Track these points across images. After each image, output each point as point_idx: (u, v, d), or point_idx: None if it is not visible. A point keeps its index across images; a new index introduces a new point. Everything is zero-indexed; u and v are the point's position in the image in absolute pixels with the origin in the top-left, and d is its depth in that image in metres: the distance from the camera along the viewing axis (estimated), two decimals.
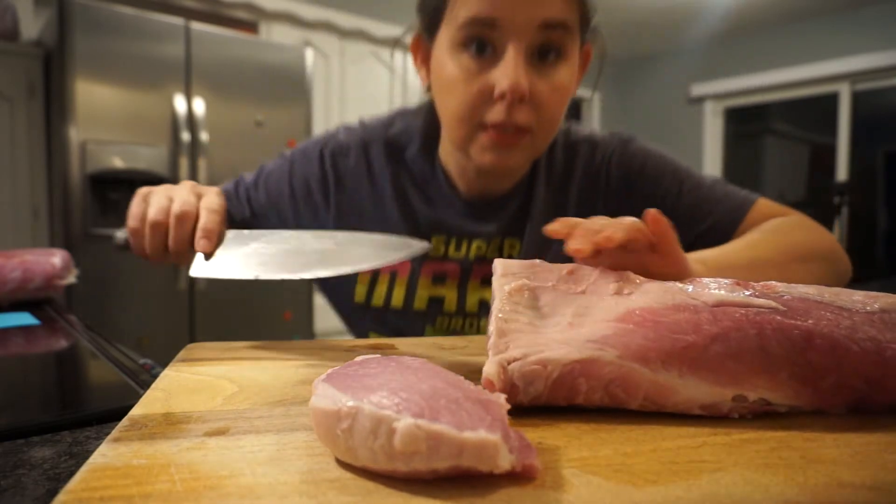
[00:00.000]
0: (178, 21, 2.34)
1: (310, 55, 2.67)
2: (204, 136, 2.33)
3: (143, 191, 0.61)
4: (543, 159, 0.76)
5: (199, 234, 0.55)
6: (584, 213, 0.73)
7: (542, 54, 0.63)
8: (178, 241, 0.56)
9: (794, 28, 4.30)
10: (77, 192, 2.14)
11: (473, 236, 0.75)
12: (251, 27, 3.10)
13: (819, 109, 4.36)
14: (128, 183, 2.24)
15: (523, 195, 0.75)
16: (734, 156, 4.93)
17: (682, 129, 4.96)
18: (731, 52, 4.62)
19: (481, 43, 0.62)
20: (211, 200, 0.58)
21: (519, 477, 0.24)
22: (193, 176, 2.31)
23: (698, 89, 4.80)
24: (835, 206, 3.72)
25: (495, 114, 0.62)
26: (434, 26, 0.67)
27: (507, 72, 0.60)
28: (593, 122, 5.00)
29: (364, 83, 3.39)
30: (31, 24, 2.51)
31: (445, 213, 0.75)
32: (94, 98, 2.16)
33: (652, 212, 0.42)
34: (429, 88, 0.71)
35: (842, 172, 4.22)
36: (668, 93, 5.02)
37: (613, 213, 0.77)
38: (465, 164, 0.72)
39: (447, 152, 0.75)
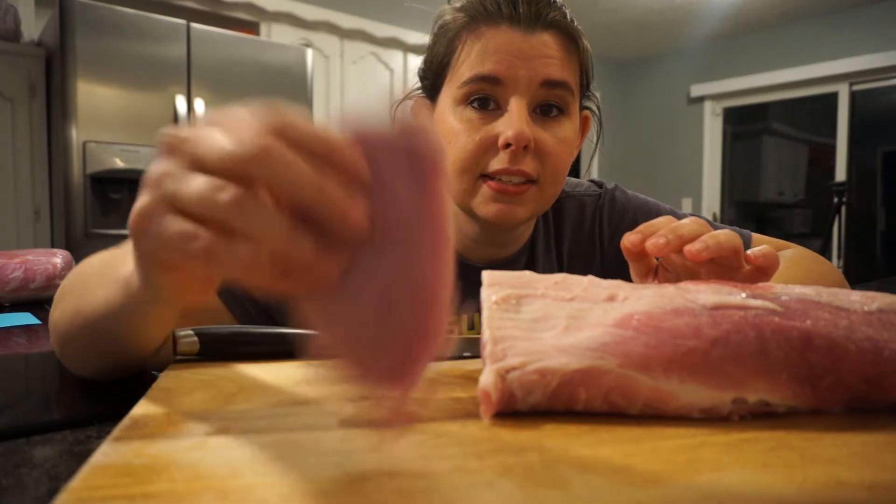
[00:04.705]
0: (179, 21, 2.34)
1: (310, 55, 2.67)
2: None
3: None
4: (540, 217, 0.76)
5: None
6: (580, 271, 0.76)
7: (545, 110, 0.64)
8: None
9: (793, 28, 4.30)
10: (78, 192, 2.14)
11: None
12: (252, 28, 3.10)
13: (818, 109, 4.36)
14: (129, 183, 2.25)
15: (527, 257, 0.76)
16: (733, 156, 4.93)
17: (682, 129, 4.96)
18: (730, 53, 4.62)
19: (484, 98, 0.63)
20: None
21: None
22: None
23: (698, 89, 4.79)
24: (834, 206, 3.72)
25: (498, 162, 0.62)
26: (437, 88, 0.69)
27: (511, 121, 0.61)
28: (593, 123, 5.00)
29: (364, 83, 3.39)
30: (33, 25, 2.51)
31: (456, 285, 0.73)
32: (96, 98, 2.16)
33: (759, 250, 0.42)
34: None
35: (840, 172, 4.22)
36: (668, 93, 5.02)
37: (612, 268, 0.79)
38: (468, 229, 0.72)
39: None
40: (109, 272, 0.38)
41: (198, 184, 0.24)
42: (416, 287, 0.25)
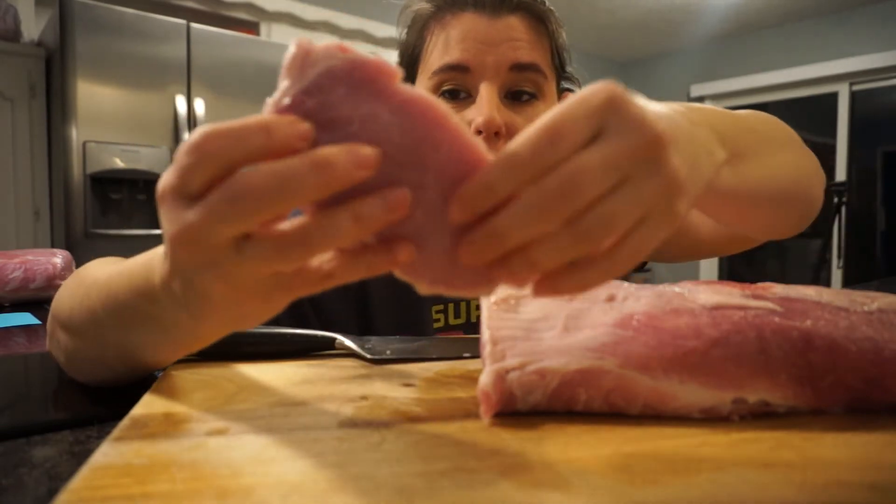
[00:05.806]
0: (179, 21, 2.34)
1: None
2: None
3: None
4: None
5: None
6: None
7: (517, 95, 0.64)
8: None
9: (793, 28, 4.30)
10: (78, 192, 2.14)
11: (470, 297, 0.73)
12: (252, 28, 3.09)
13: (818, 109, 4.36)
14: (129, 183, 2.25)
15: None
16: None
17: None
18: (730, 53, 4.62)
19: (454, 90, 0.63)
20: None
21: None
22: None
23: (698, 89, 4.79)
24: (834, 206, 3.72)
25: None
26: (411, 80, 0.69)
27: (481, 108, 0.61)
28: None
29: None
30: (33, 25, 2.51)
31: None
32: (96, 98, 2.16)
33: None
34: None
35: (840, 172, 4.22)
36: (668, 93, 5.01)
37: None
38: None
39: None
40: (128, 310, 0.35)
41: (254, 256, 0.25)
42: (462, 178, 0.27)
